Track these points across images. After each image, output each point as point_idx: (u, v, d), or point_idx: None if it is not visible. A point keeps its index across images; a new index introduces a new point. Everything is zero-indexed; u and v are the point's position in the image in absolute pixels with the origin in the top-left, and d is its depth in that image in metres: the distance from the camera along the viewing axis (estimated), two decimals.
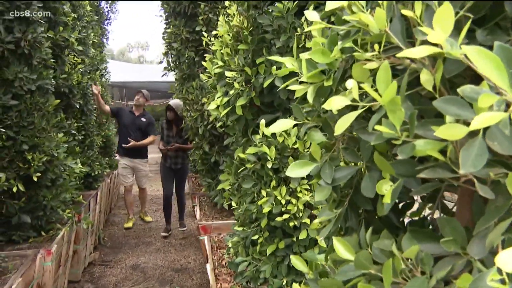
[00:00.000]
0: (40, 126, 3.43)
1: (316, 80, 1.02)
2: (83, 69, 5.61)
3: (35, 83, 3.40)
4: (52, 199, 3.63)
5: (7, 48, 3.20)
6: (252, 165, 2.49)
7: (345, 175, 1.01)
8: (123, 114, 6.58)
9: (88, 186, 6.00)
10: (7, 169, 3.25)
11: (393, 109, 0.73)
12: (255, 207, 2.54)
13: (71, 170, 4.09)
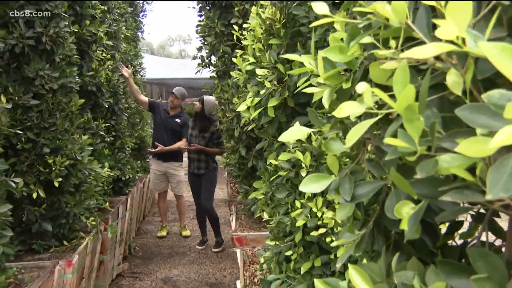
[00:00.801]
0: (63, 127, 3.53)
1: (334, 81, 0.96)
2: (113, 66, 5.74)
3: (57, 81, 3.49)
4: (75, 206, 3.72)
5: (28, 44, 3.31)
6: (285, 173, 2.45)
7: (368, 192, 0.95)
8: (159, 111, 6.66)
9: (118, 192, 6.13)
10: (27, 173, 3.36)
11: (410, 117, 0.67)
12: (288, 220, 2.50)
13: (97, 174, 4.18)
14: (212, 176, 6.15)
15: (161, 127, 6.55)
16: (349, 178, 0.97)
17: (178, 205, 7.10)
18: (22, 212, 3.62)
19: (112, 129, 5.92)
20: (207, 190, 6.18)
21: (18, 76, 3.36)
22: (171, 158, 6.65)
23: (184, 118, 6.59)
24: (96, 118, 5.12)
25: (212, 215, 6.22)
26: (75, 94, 3.76)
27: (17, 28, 3.30)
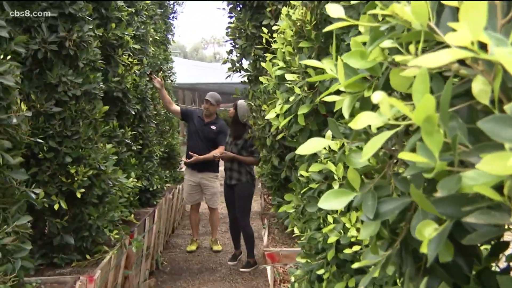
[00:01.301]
0: (86, 135, 3.60)
1: (356, 89, 0.95)
2: (141, 71, 5.84)
3: (80, 87, 3.58)
4: (99, 218, 3.79)
5: (50, 49, 3.40)
6: (317, 185, 2.43)
7: (393, 209, 0.93)
8: (192, 118, 6.72)
9: (145, 203, 6.21)
10: (48, 183, 3.44)
11: (429, 130, 0.65)
12: (320, 236, 2.47)
13: (122, 185, 4.24)
14: (245, 189, 6.08)
15: (195, 135, 6.60)
16: (372, 194, 0.95)
17: (211, 218, 7.13)
18: (43, 224, 3.71)
19: (140, 137, 6.01)
20: (240, 204, 6.14)
21: (40, 82, 3.46)
22: (206, 168, 6.67)
23: (220, 124, 6.61)
24: (122, 125, 5.20)
25: (247, 231, 6.17)
26: (99, 101, 3.84)
27: (40, 32, 3.40)
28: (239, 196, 6.11)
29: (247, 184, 6.06)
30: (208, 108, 6.55)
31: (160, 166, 7.52)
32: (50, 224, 3.61)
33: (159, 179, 6.59)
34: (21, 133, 2.74)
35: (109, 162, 3.83)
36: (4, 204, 2.79)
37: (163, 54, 8.74)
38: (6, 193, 2.84)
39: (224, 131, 6.51)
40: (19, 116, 2.68)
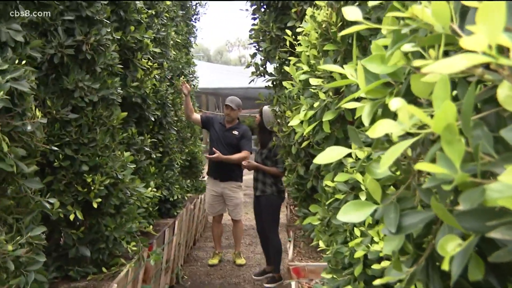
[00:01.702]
0: (103, 143, 3.65)
1: (377, 95, 0.95)
2: (161, 75, 5.90)
3: (98, 93, 3.63)
4: (116, 229, 3.83)
5: (67, 53, 3.47)
6: (343, 196, 2.42)
7: (417, 222, 0.92)
8: (213, 125, 6.77)
9: (165, 214, 6.25)
10: (64, 193, 3.50)
11: (449, 139, 0.64)
12: (347, 250, 2.45)
13: (140, 195, 4.29)
14: (270, 201, 6.07)
15: (217, 142, 6.64)
16: (394, 206, 0.94)
17: (234, 230, 7.14)
18: (58, 235, 3.76)
19: (160, 144, 6.05)
20: (267, 216, 6.16)
21: (56, 88, 3.53)
22: (229, 178, 6.72)
23: (243, 130, 6.64)
24: (141, 132, 5.26)
25: (274, 245, 6.16)
26: (116, 107, 3.89)
27: (56, 36, 3.47)
28: (264, 208, 6.13)
29: (271, 196, 6.04)
30: (229, 114, 6.60)
31: (181, 175, 7.57)
32: (65, 235, 3.66)
33: (180, 188, 6.63)
34: (36, 141, 2.80)
35: (127, 171, 3.87)
36: (18, 214, 2.84)
37: (185, 58, 8.82)
38: (20, 202, 2.90)
39: (246, 136, 6.54)
40: (34, 123, 2.73)
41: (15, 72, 2.56)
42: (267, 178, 6.02)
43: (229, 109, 6.59)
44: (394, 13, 0.76)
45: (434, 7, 0.69)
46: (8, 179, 2.73)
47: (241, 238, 7.38)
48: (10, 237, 2.61)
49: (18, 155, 2.60)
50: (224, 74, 22.47)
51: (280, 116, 4.30)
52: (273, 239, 6.13)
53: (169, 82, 6.50)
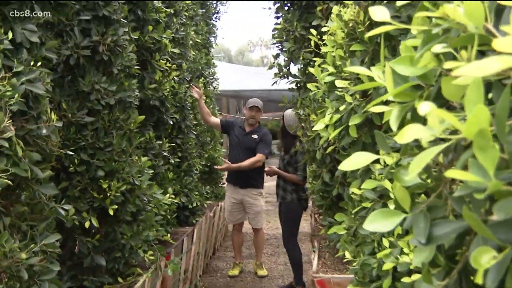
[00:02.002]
0: (120, 147, 3.69)
1: (406, 98, 0.95)
2: (180, 77, 5.94)
3: (114, 95, 3.67)
4: (132, 238, 3.86)
5: (83, 54, 3.51)
6: (370, 204, 2.41)
7: (448, 233, 0.92)
8: (233, 129, 6.78)
9: (184, 221, 6.28)
10: (79, 199, 3.54)
11: (482, 145, 0.64)
12: (375, 261, 2.45)
13: (158, 201, 4.32)
14: (289, 209, 6.07)
15: (237, 147, 6.65)
16: (424, 216, 0.94)
17: (255, 239, 7.11)
18: (73, 244, 3.81)
19: (178, 149, 6.09)
20: (284, 225, 6.17)
21: (72, 90, 3.58)
22: (249, 184, 6.69)
23: (262, 133, 6.64)
24: (159, 136, 5.30)
25: (292, 255, 6.13)
26: (134, 110, 3.93)
27: (72, 36, 3.52)
28: (283, 216, 6.14)
29: (291, 204, 6.03)
30: (255, 116, 6.60)
31: (201, 181, 7.59)
32: (80, 244, 3.70)
33: (199, 195, 6.66)
34: (51, 145, 2.84)
35: (144, 177, 3.90)
36: (32, 220, 2.89)
37: (205, 59, 8.87)
38: (34, 209, 2.94)
39: (265, 140, 6.53)
40: (49, 126, 2.78)
41: (30, 74, 2.61)
42: (288, 184, 6.02)
43: (255, 111, 6.58)
44: (424, 13, 0.77)
45: (467, 6, 0.69)
46: (22, 184, 2.77)
47: (263, 248, 7.36)
48: (24, 244, 2.65)
49: (33, 160, 2.64)
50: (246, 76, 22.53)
51: (304, 119, 4.30)
52: (291, 250, 6.11)
53: (188, 84, 6.53)
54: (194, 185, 6.47)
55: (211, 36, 10.07)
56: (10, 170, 2.42)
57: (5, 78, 2.48)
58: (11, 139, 2.43)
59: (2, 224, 2.66)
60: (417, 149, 1.04)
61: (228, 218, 7.06)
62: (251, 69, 29.21)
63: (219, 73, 10.45)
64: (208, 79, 9.01)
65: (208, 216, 7.02)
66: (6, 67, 2.55)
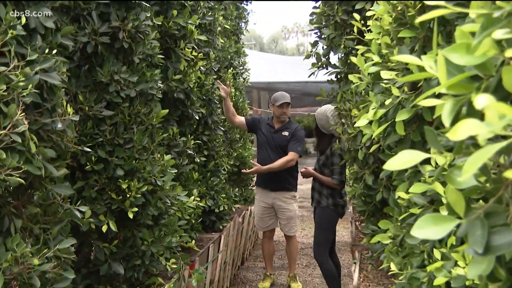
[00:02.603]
0: (141, 144, 3.73)
1: (461, 90, 0.95)
2: (207, 67, 5.97)
3: (135, 87, 3.72)
4: (153, 244, 3.90)
5: (101, 41, 3.56)
6: (420, 210, 2.40)
7: (509, 242, 0.92)
8: (261, 128, 6.78)
9: (210, 227, 6.32)
10: (96, 200, 3.59)
11: None
12: (425, 275, 2.43)
13: (182, 204, 4.35)
14: (323, 215, 6.01)
15: (266, 146, 6.62)
16: (481, 222, 0.94)
17: (288, 248, 7.08)
18: (89, 249, 3.86)
19: (204, 147, 6.12)
20: (316, 233, 6.11)
21: (89, 81, 3.63)
22: (280, 187, 6.66)
23: (293, 129, 6.61)
24: (183, 132, 5.34)
25: (324, 268, 6.06)
26: (156, 103, 3.97)
27: (90, 22, 3.57)
28: (316, 222, 6.10)
29: (326, 209, 5.97)
30: (286, 112, 6.58)
31: (229, 183, 7.62)
32: (96, 249, 3.76)
33: (226, 198, 6.68)
34: (66, 141, 2.89)
35: (167, 177, 3.94)
36: (45, 223, 2.94)
37: (234, 47, 8.88)
38: (47, 210, 2.99)
39: (297, 136, 6.48)
40: (65, 120, 2.82)
41: (45, 63, 2.65)
42: (324, 188, 5.98)
43: (285, 107, 6.57)
44: None
45: None
46: (35, 183, 2.82)
47: (297, 258, 7.33)
48: (36, 249, 2.70)
49: (47, 157, 2.69)
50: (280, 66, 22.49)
51: (345, 115, 4.28)
52: (322, 262, 6.03)
53: (216, 75, 6.56)
54: (221, 187, 6.50)
55: (242, 22, 10.07)
56: (22, 167, 2.48)
57: (18, 67, 2.53)
58: (24, 133, 2.48)
59: (13, 227, 2.72)
60: (473, 147, 1.03)
61: (258, 224, 7.04)
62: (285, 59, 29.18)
63: (250, 63, 10.46)
64: (237, 70, 9.03)
65: (236, 221, 7.04)
66: (19, 55, 2.60)
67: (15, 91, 2.46)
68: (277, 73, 20.74)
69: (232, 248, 6.84)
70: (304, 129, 7.03)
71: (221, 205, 6.34)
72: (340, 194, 5.94)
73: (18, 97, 2.47)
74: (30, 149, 2.51)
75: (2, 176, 2.38)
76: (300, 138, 6.57)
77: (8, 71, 2.46)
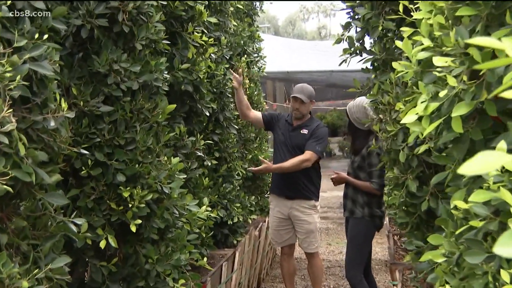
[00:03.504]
0: (144, 145, 3.71)
1: None
2: (218, 54, 5.94)
3: (138, 78, 3.69)
4: (159, 262, 3.87)
5: (98, 25, 3.54)
6: (482, 223, 2.36)
7: None
8: (279, 125, 6.73)
9: (222, 242, 6.29)
10: (93, 211, 3.57)
11: None
12: None
13: (192, 215, 4.32)
14: (358, 227, 5.99)
15: (282, 146, 6.57)
16: None
17: (310, 268, 6.97)
18: (83, 269, 3.84)
19: (215, 148, 6.09)
20: (348, 248, 6.10)
21: (84, 71, 3.61)
22: (297, 194, 6.60)
23: (314, 126, 6.59)
24: (191, 131, 5.31)
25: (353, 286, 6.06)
26: (162, 97, 3.94)
27: (84, 2, 3.55)
28: (349, 236, 6.05)
29: (361, 220, 5.90)
30: (299, 109, 6.52)
31: (243, 190, 7.57)
32: (92, 269, 3.72)
33: (241, 208, 6.62)
34: (60, 141, 2.86)
35: (175, 183, 3.91)
36: (34, 238, 2.92)
37: (248, 30, 8.83)
38: (37, 223, 2.97)
39: (317, 133, 6.44)
40: (58, 117, 2.80)
41: (35, 50, 2.63)
42: (360, 195, 5.91)
43: (298, 102, 6.49)
44: None
45: None
46: (23, 192, 2.80)
47: (322, 279, 7.26)
48: (25, 270, 2.68)
49: (37, 160, 2.67)
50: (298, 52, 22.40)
51: (382, 110, 4.24)
52: (356, 284, 5.96)
53: (227, 64, 6.53)
54: (235, 195, 6.46)
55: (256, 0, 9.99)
56: (9, 173, 2.45)
57: (4, 55, 2.51)
58: (12, 133, 2.45)
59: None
60: None
61: (273, 239, 6.97)
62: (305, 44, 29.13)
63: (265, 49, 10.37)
64: (252, 58, 8.98)
65: (252, 235, 7.01)
66: (4, 41, 2.59)
67: (0, 83, 2.44)
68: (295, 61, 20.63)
69: (247, 267, 6.81)
70: (327, 127, 6.97)
71: (235, 216, 6.30)
72: (379, 203, 5.87)
73: (5, 90, 2.45)
74: (18, 151, 2.49)
75: None
76: (320, 136, 6.50)
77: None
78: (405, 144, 3.86)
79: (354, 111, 5.82)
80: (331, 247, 10.10)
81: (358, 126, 5.81)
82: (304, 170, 6.39)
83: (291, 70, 19.68)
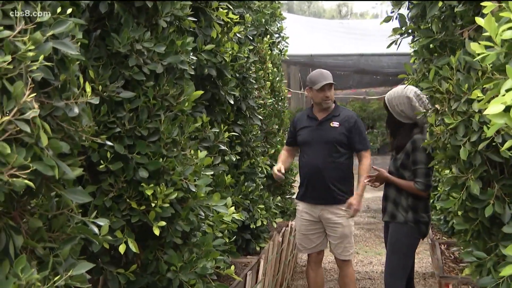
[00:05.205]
0: (169, 137, 3.69)
1: None
2: (243, 34, 5.90)
3: (162, 60, 3.67)
4: (182, 270, 3.84)
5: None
6: None
7: None
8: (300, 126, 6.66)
9: (243, 248, 6.25)
10: (111, 211, 3.55)
11: None
12: None
13: (218, 217, 4.29)
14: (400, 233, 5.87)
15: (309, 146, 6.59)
16: None
17: (342, 278, 6.92)
18: (98, 276, 3.82)
19: (237, 141, 6.03)
20: (388, 257, 6.01)
21: (102, 51, 3.59)
22: (328, 197, 6.56)
23: (345, 117, 6.58)
24: (215, 121, 5.28)
25: None
26: (188, 82, 3.91)
27: None
28: (390, 243, 5.96)
29: (404, 226, 5.77)
30: (329, 97, 6.51)
31: (266, 189, 7.49)
32: (109, 277, 3.70)
33: (264, 210, 6.54)
34: (81, 131, 2.83)
35: (201, 180, 3.87)
36: (51, 241, 2.89)
37: (270, 7, 8.77)
38: (52, 224, 2.94)
39: (358, 128, 6.50)
40: (79, 104, 2.76)
41: (58, 27, 2.60)
42: (403, 197, 5.79)
43: (327, 89, 6.46)
44: None
45: None
46: (41, 187, 2.77)
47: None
48: (44, 276, 2.66)
49: (59, 152, 2.63)
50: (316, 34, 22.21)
51: (440, 99, 4.20)
52: None
53: (251, 45, 6.48)
54: (258, 195, 6.39)
55: None
56: (30, 166, 2.42)
57: (26, 31, 2.47)
58: (34, 121, 2.42)
59: (12, 246, 2.67)
60: None
61: (301, 244, 6.91)
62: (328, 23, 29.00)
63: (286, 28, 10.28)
64: (274, 38, 8.93)
65: (276, 240, 6.96)
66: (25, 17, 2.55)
67: (22, 64, 2.41)
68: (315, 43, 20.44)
69: (270, 278, 6.75)
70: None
71: (258, 219, 6.24)
72: (425, 207, 5.78)
73: (26, 71, 2.41)
74: (40, 141, 2.46)
75: (6, 178, 2.32)
76: (363, 129, 6.59)
77: (14, 36, 2.41)
78: (466, 139, 3.83)
79: (396, 103, 5.72)
80: (359, 256, 10.01)
81: (401, 119, 5.73)
82: (338, 171, 6.45)
83: (309, 53, 19.46)
